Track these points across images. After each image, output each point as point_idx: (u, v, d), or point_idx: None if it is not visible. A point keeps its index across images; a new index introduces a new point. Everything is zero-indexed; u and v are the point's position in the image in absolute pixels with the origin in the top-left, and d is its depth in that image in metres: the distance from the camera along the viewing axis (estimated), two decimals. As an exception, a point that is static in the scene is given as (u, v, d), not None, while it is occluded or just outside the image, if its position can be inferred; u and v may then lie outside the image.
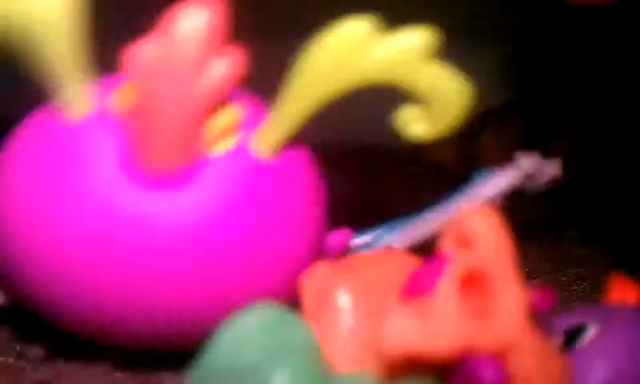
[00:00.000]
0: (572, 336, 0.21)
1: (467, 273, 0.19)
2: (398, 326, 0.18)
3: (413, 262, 0.22)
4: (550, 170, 0.37)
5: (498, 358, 0.18)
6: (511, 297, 0.19)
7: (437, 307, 0.19)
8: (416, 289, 0.19)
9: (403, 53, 0.22)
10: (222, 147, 0.24)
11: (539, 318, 0.20)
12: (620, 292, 0.22)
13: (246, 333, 0.18)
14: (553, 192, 0.58)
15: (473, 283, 0.19)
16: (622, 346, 0.20)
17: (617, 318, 0.21)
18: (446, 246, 0.20)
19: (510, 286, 0.19)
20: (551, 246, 0.44)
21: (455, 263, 0.19)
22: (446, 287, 0.19)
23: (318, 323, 0.20)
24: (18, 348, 0.28)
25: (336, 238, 0.27)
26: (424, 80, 0.22)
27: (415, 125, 0.23)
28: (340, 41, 0.23)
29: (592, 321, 0.21)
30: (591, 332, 0.20)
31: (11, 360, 0.27)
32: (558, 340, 0.21)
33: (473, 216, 0.20)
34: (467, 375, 0.18)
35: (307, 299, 0.22)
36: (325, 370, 0.17)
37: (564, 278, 0.37)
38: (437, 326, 0.18)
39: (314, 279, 0.22)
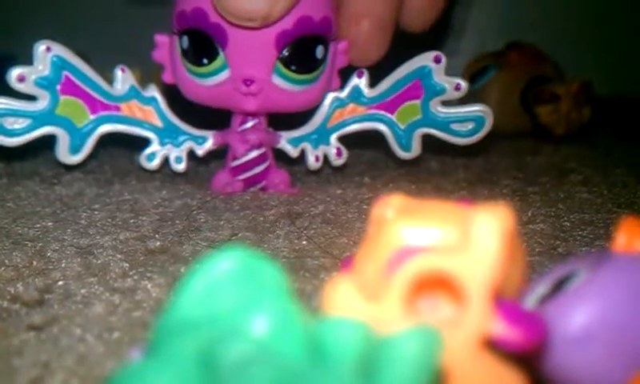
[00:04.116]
0: (561, 283, 0.20)
1: (433, 274, 0.18)
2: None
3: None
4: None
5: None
6: (474, 318, 0.18)
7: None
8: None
9: None
10: None
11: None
12: (627, 238, 0.22)
13: (218, 278, 0.17)
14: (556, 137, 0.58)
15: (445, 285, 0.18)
16: (607, 290, 0.19)
17: (608, 264, 0.20)
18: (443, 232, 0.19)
19: (477, 306, 0.18)
20: (554, 190, 0.44)
21: (417, 262, 0.18)
22: (397, 286, 0.18)
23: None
24: (13, 291, 0.28)
25: None
26: None
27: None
28: None
29: (583, 267, 0.20)
30: (580, 278, 0.20)
31: (5, 303, 0.27)
32: (546, 288, 0.21)
33: (481, 215, 0.19)
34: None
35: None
36: (305, 314, 0.17)
37: (567, 224, 0.37)
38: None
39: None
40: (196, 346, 0.16)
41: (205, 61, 0.40)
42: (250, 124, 0.43)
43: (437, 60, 0.44)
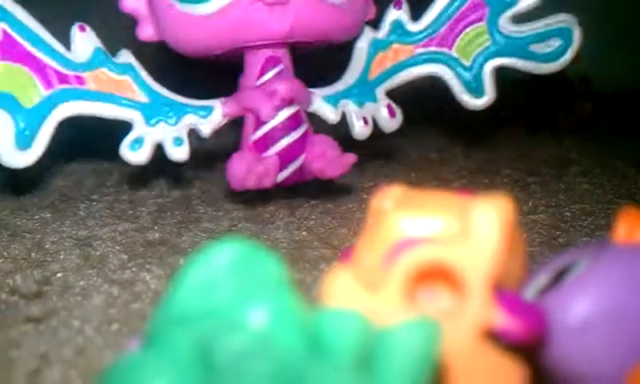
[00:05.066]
0: (561, 275, 0.20)
1: (434, 264, 0.18)
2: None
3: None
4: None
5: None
6: (474, 309, 0.18)
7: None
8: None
9: None
10: None
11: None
12: (627, 228, 0.21)
13: (216, 270, 0.17)
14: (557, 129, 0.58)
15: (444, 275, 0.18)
16: (607, 281, 0.19)
17: (607, 254, 0.20)
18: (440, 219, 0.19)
19: (477, 298, 0.18)
20: (554, 181, 0.44)
21: (418, 252, 0.18)
22: (397, 275, 0.18)
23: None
24: (11, 283, 0.28)
25: None
26: None
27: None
28: None
29: (583, 258, 0.20)
30: (580, 269, 0.20)
31: (3, 295, 0.27)
32: (546, 279, 0.21)
33: (481, 205, 0.18)
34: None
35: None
36: (304, 305, 0.16)
37: (568, 214, 0.37)
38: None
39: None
40: (194, 338, 0.16)
41: None
42: (273, 72, 0.33)
43: None
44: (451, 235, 0.18)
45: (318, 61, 0.34)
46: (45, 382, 0.22)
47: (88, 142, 0.41)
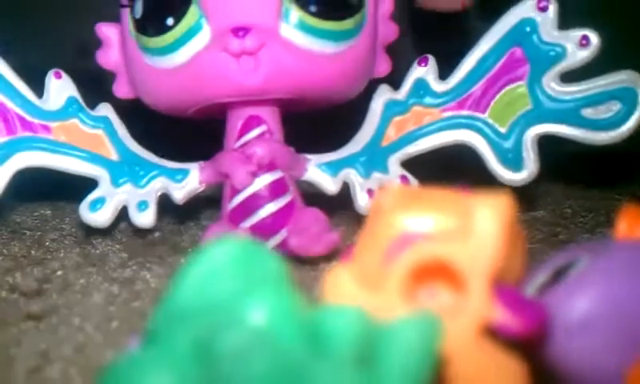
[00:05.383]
0: (561, 272, 0.20)
1: (434, 261, 0.18)
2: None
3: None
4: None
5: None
6: (474, 306, 0.18)
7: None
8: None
9: None
10: None
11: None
12: (629, 225, 0.21)
13: (216, 267, 0.17)
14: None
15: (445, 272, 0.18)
16: (608, 278, 0.19)
17: (608, 251, 0.20)
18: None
19: (477, 295, 0.18)
20: (554, 177, 0.43)
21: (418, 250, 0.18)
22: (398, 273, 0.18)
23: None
24: (11, 281, 0.28)
25: None
26: None
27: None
28: None
29: (584, 255, 0.20)
30: (581, 266, 0.20)
31: (3, 293, 0.27)
32: (546, 276, 0.21)
33: (481, 202, 0.18)
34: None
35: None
36: (304, 302, 0.16)
37: (568, 211, 0.37)
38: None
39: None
40: (194, 335, 0.16)
41: (170, 21, 0.27)
42: (253, 134, 0.29)
43: (542, 8, 0.28)
44: (451, 232, 0.18)
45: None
46: (45, 379, 0.21)
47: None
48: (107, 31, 0.30)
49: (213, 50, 0.27)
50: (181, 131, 0.31)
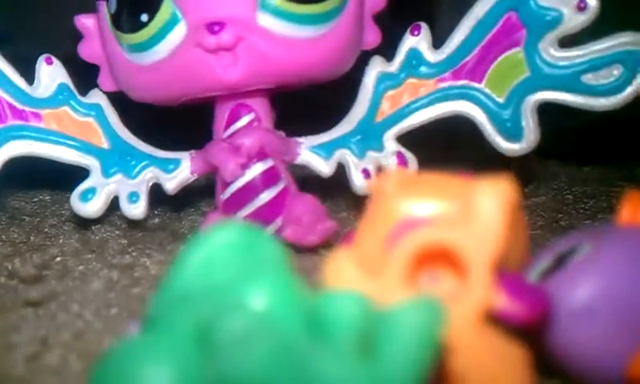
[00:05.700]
0: (563, 258, 0.20)
1: (436, 246, 0.18)
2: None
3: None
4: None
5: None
6: (476, 292, 0.17)
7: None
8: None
9: None
10: None
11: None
12: (631, 212, 0.21)
13: (216, 252, 0.17)
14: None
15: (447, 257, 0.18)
16: (611, 265, 0.19)
17: (611, 237, 0.20)
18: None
19: (479, 280, 0.17)
20: (555, 163, 0.43)
21: (418, 236, 0.18)
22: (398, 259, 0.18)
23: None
24: (10, 267, 0.28)
25: None
26: None
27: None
28: None
29: (586, 241, 0.20)
30: (583, 252, 0.20)
31: (2, 279, 0.27)
32: (548, 263, 0.20)
33: (483, 187, 0.18)
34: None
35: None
36: (304, 287, 0.16)
37: (570, 197, 0.37)
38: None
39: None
40: (194, 320, 0.15)
41: (144, 17, 0.26)
42: (240, 123, 0.28)
43: None
44: (453, 217, 0.18)
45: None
46: (44, 366, 0.21)
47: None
48: (86, 22, 0.29)
49: (189, 45, 0.26)
50: (175, 118, 0.31)
